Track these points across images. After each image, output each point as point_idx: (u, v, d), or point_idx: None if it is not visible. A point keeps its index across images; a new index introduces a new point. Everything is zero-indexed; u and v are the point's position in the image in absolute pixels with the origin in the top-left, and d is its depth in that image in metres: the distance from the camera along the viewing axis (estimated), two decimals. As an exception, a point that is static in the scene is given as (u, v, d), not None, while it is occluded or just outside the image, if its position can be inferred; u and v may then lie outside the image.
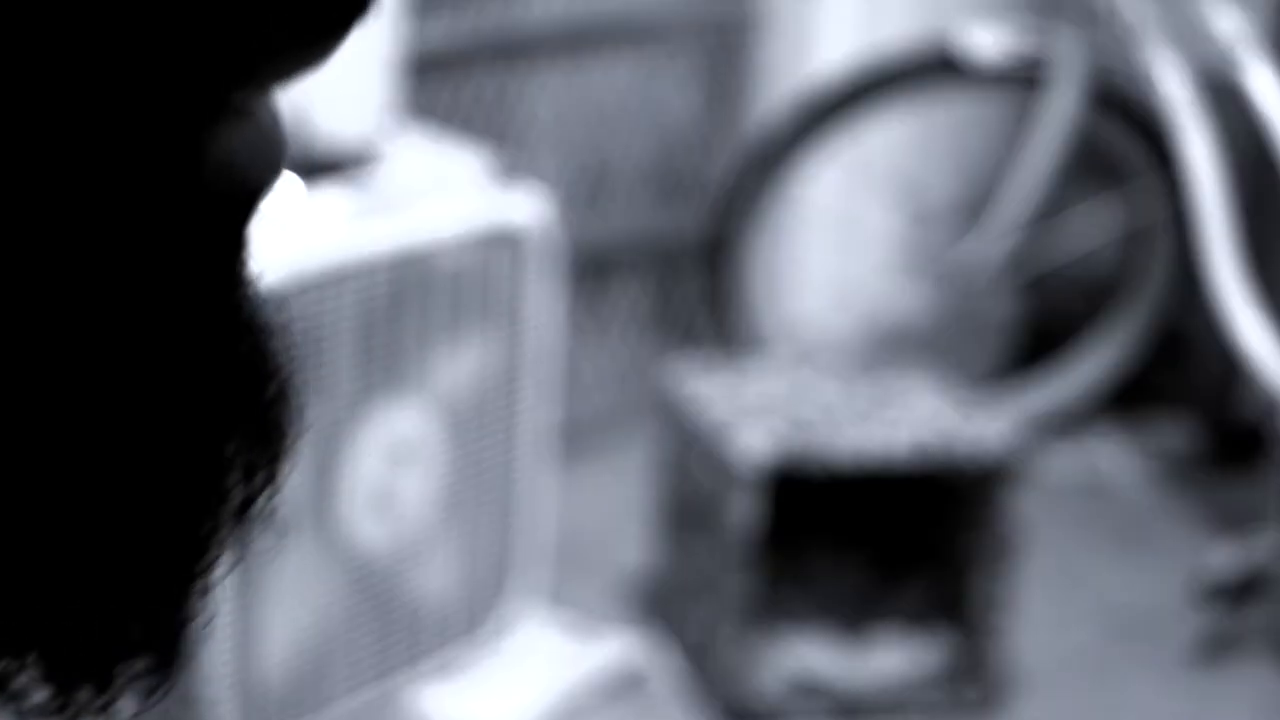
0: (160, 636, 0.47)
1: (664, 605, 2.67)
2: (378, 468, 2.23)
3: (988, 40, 2.99)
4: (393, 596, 2.30)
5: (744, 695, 2.48)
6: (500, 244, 2.33)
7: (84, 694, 0.46)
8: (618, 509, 2.95)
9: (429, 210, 2.26)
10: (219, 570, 0.47)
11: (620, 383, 3.29)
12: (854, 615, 2.60)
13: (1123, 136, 3.12)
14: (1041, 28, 3.07)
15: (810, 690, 2.53)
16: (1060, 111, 3.00)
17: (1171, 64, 2.78)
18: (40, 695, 0.45)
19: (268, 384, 0.47)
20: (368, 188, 2.22)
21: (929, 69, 3.02)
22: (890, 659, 2.56)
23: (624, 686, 2.53)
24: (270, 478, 0.48)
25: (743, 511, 2.40)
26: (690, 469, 2.55)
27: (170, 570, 0.46)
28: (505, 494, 2.41)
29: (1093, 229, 3.27)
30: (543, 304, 2.40)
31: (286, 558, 2.16)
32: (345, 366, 2.17)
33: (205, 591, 0.47)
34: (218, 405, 0.46)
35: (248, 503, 0.48)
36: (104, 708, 0.46)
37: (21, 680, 0.45)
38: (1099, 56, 2.99)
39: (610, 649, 2.55)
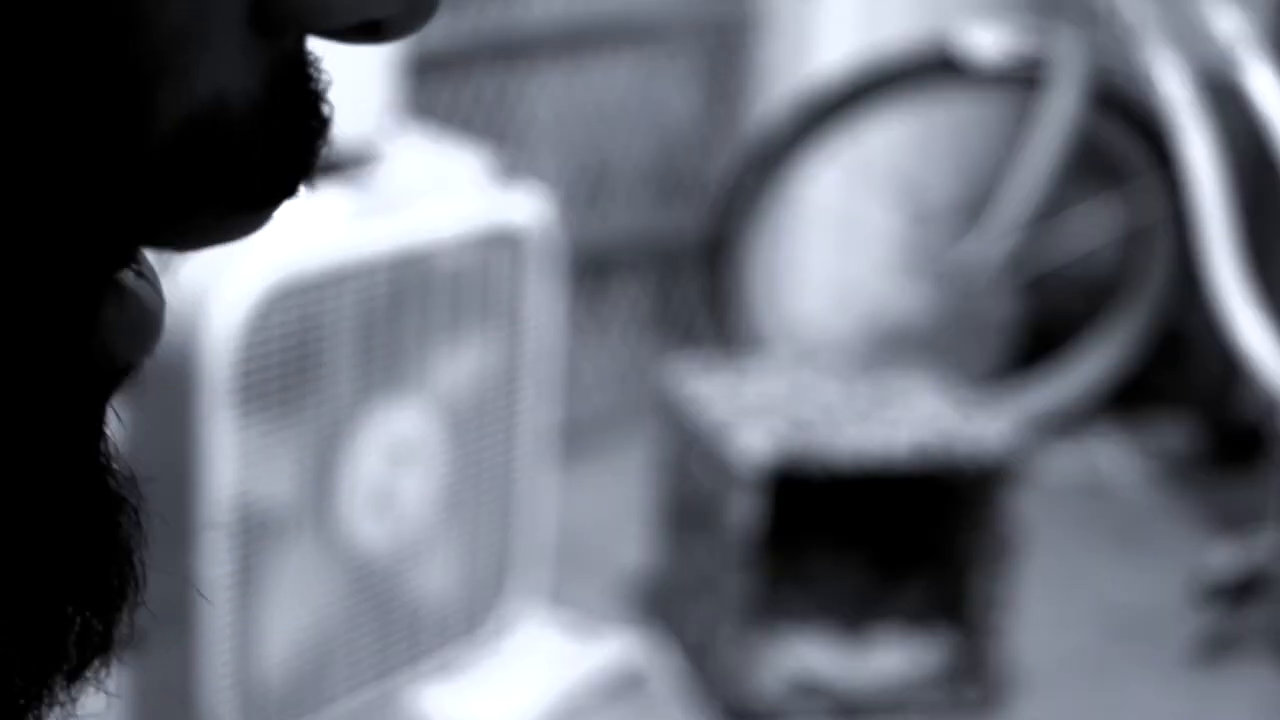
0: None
1: (664, 605, 2.67)
2: (378, 468, 2.23)
3: (988, 40, 2.99)
4: (393, 596, 2.30)
5: (744, 695, 2.48)
6: (500, 244, 2.33)
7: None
8: (618, 509, 2.95)
9: (429, 210, 2.26)
10: None
11: (620, 383, 3.29)
12: (854, 615, 2.61)
13: (1123, 136, 3.12)
14: (1041, 28, 3.07)
15: (810, 690, 2.53)
16: (1060, 111, 3.01)
17: (1171, 64, 2.78)
18: None
19: (113, 552, 0.47)
20: (368, 188, 2.22)
21: (929, 69, 3.02)
22: (890, 659, 2.57)
23: (624, 686, 2.53)
24: (105, 641, 0.48)
25: (743, 511, 2.40)
26: (690, 469, 2.55)
27: None
28: (505, 494, 2.41)
29: (1093, 229, 3.27)
30: (543, 304, 2.40)
31: (286, 558, 2.16)
32: (345, 366, 2.17)
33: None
34: (62, 567, 0.46)
35: (82, 663, 0.48)
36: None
37: None
38: (1099, 56, 2.99)
39: (610, 649, 2.55)
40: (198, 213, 0.45)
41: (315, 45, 0.49)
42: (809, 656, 2.55)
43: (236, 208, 0.46)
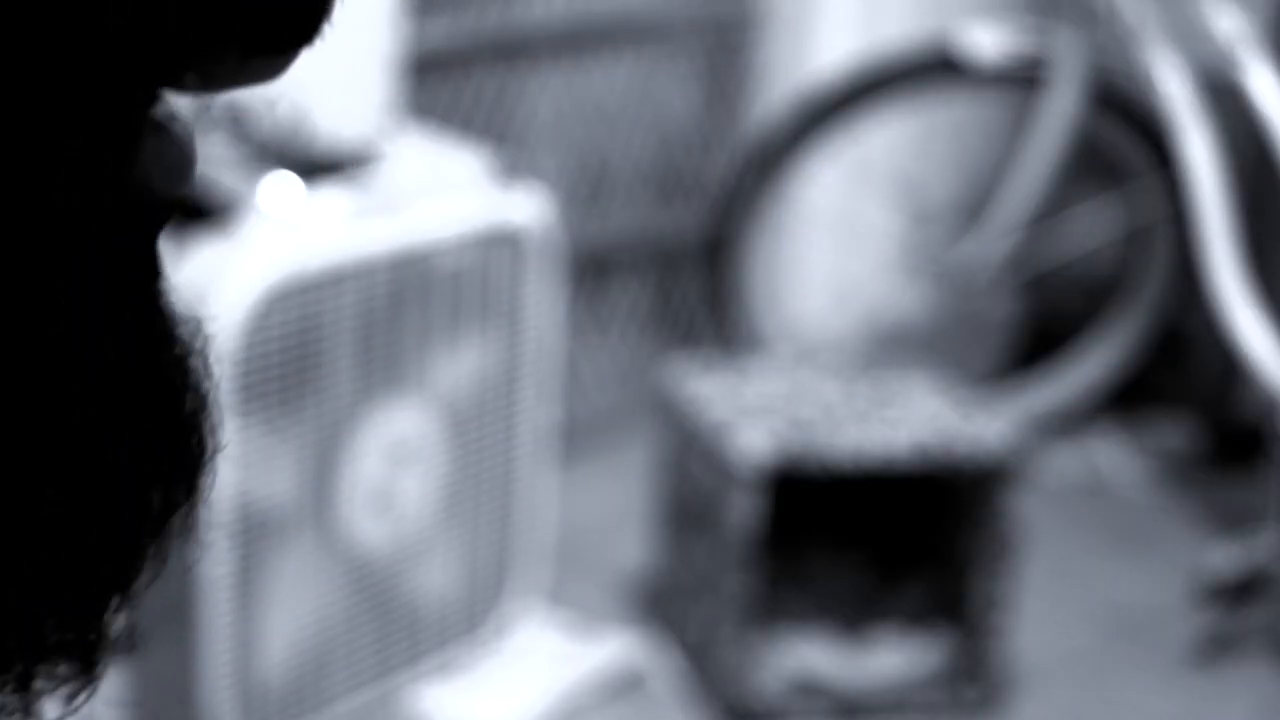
0: (81, 643, 0.47)
1: (664, 605, 2.67)
2: (378, 468, 2.23)
3: (988, 40, 2.99)
4: (393, 596, 2.30)
5: (744, 695, 2.48)
6: (500, 244, 2.33)
7: (4, 695, 0.46)
8: (618, 509, 2.95)
9: (429, 210, 2.26)
10: (141, 581, 0.48)
11: (620, 383, 3.29)
12: (854, 615, 2.60)
13: (1123, 136, 3.12)
14: (1041, 28, 3.07)
15: (810, 690, 2.53)
16: (1060, 111, 3.01)
17: (1171, 64, 2.78)
18: None
19: (186, 397, 0.47)
20: (368, 188, 2.22)
21: (929, 69, 3.02)
22: (890, 659, 2.57)
23: (624, 686, 2.53)
24: (190, 491, 0.48)
25: (743, 511, 2.40)
26: (690, 469, 2.55)
27: (91, 578, 0.46)
28: (505, 494, 2.41)
29: (1093, 229, 3.27)
30: (543, 304, 2.40)
31: (286, 558, 2.16)
32: (345, 366, 2.17)
33: (127, 602, 0.48)
34: (137, 415, 0.46)
35: (168, 515, 0.48)
36: (25, 709, 0.47)
37: None
38: (1099, 56, 2.99)
39: (610, 649, 2.55)
40: (221, 51, 0.46)
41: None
42: (809, 656, 2.55)
43: (259, 48, 0.47)
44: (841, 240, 3.33)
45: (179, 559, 0.49)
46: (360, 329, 2.18)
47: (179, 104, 0.47)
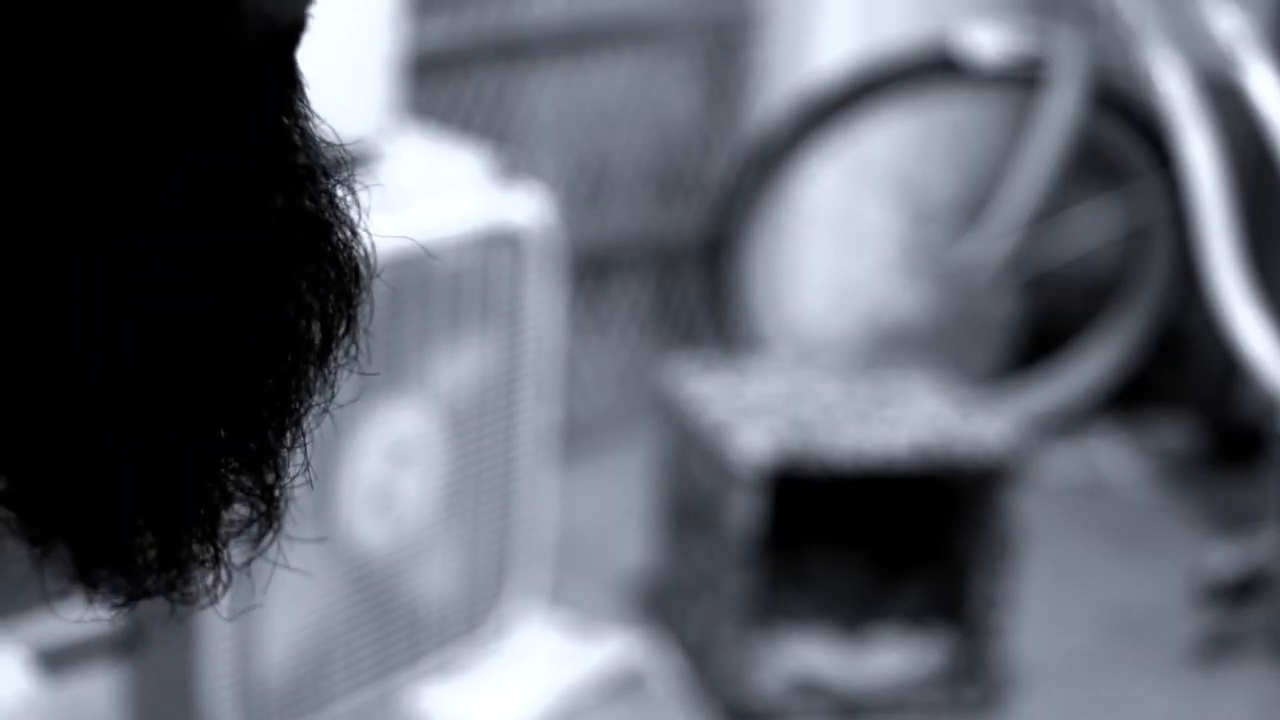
0: (258, 483, 0.47)
1: (664, 605, 2.67)
2: (378, 468, 2.23)
3: (988, 40, 2.99)
4: (393, 596, 2.30)
5: (744, 695, 2.48)
6: (500, 244, 2.33)
7: (192, 544, 0.46)
8: (618, 509, 2.95)
9: (429, 210, 2.26)
10: (308, 415, 0.47)
11: (620, 383, 3.29)
12: (854, 615, 2.60)
13: (1123, 136, 3.12)
14: (1041, 28, 3.07)
15: (810, 690, 2.53)
16: (1060, 111, 3.00)
17: (1171, 64, 2.78)
18: (151, 553, 0.46)
19: (336, 227, 0.47)
20: (367, 188, 2.22)
21: (929, 69, 3.02)
22: (890, 659, 2.57)
23: (624, 686, 2.53)
24: (348, 321, 0.48)
25: (743, 511, 2.40)
26: (690, 469, 2.55)
27: (259, 412, 0.46)
28: (505, 494, 2.41)
29: (1093, 229, 3.27)
30: (543, 304, 2.40)
31: (286, 558, 2.15)
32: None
33: (298, 437, 0.47)
34: (289, 242, 0.46)
35: (327, 344, 0.48)
36: (215, 558, 0.47)
37: (136, 542, 0.45)
38: (1099, 56, 2.99)
39: (610, 649, 2.55)
40: None
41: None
42: (809, 656, 2.55)
43: None
44: (841, 240, 3.33)
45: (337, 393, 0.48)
46: (360, 329, 2.17)
47: None
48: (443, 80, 2.92)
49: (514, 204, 2.35)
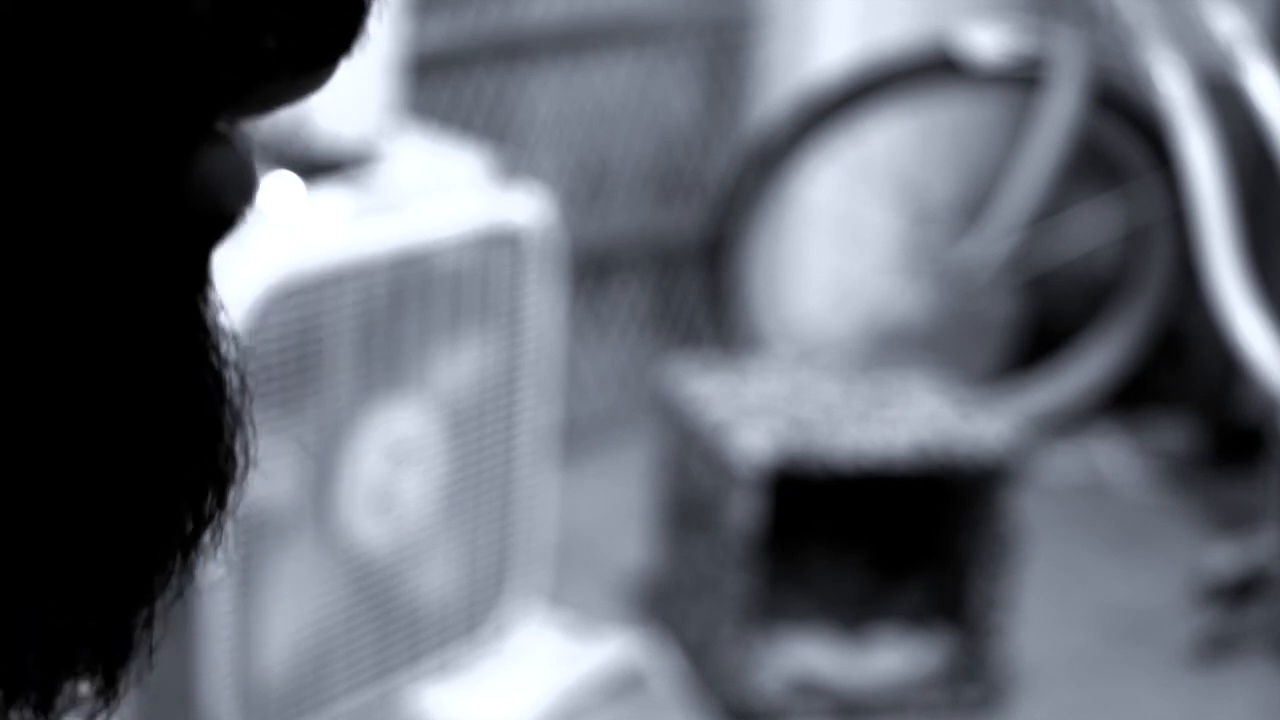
0: (104, 659, 0.47)
1: (664, 605, 2.67)
2: (378, 468, 2.23)
3: (988, 40, 2.99)
4: (393, 596, 2.30)
5: (744, 695, 2.48)
6: (500, 244, 2.33)
7: (26, 709, 0.46)
8: (618, 509, 2.95)
9: (429, 210, 2.26)
10: (165, 599, 0.47)
11: (620, 383, 3.29)
12: (854, 615, 2.60)
13: (1123, 136, 3.12)
14: (1041, 28, 3.07)
15: (810, 690, 2.53)
16: (1060, 111, 3.01)
17: (1171, 64, 2.78)
18: None
19: (221, 411, 0.47)
20: (368, 188, 2.22)
21: (929, 69, 3.02)
22: (890, 659, 2.57)
23: (624, 686, 2.53)
24: (220, 506, 0.48)
25: (743, 511, 2.40)
26: (690, 469, 2.55)
27: (117, 593, 0.46)
28: (505, 494, 2.41)
29: (1093, 229, 3.27)
30: (543, 304, 2.40)
31: (286, 558, 2.16)
32: (345, 366, 2.17)
33: (151, 620, 0.47)
34: (171, 427, 0.46)
35: (197, 530, 0.47)
36: None
37: None
38: (1099, 56, 2.99)
39: (610, 649, 2.55)
40: (257, 78, 0.46)
41: None
42: (809, 656, 2.55)
43: (297, 67, 0.47)
44: (841, 240, 3.33)
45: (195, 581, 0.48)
46: (360, 329, 2.18)
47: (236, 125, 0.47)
48: (443, 80, 2.92)
49: (514, 204, 2.35)
